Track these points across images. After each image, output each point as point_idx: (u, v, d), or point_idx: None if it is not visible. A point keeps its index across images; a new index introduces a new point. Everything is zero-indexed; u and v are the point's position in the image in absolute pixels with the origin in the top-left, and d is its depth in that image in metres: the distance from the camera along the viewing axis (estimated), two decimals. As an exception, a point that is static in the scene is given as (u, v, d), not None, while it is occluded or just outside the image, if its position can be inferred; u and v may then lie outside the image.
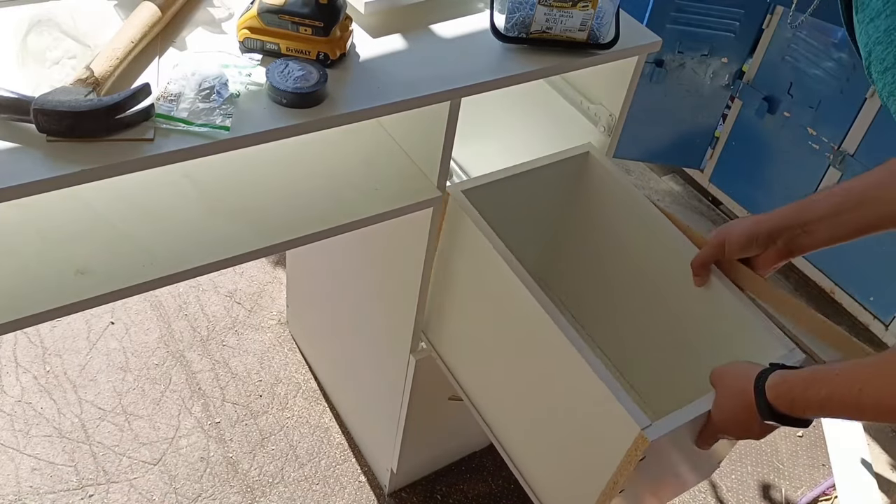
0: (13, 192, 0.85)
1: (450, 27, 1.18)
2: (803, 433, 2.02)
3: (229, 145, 0.95)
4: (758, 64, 2.24)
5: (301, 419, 1.88)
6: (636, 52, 1.21)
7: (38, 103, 0.87)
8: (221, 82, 0.98)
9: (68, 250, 1.03)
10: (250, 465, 1.79)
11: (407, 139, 1.25)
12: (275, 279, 2.18)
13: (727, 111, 2.36)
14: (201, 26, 1.10)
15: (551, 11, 1.10)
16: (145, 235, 1.06)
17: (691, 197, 2.63)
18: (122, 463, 1.75)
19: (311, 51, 1.05)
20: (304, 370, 1.98)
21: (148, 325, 2.03)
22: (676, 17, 2.13)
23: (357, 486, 1.78)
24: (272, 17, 1.04)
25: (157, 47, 1.05)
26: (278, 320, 2.08)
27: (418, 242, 1.27)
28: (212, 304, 2.10)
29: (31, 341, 1.95)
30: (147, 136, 0.92)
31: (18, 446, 1.75)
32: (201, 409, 1.87)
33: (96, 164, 0.88)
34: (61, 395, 1.85)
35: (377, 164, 1.23)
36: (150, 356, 1.96)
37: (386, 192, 1.18)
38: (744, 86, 2.28)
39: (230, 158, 1.02)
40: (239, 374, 1.95)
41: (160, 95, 0.95)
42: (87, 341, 1.97)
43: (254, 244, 1.08)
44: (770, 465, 1.94)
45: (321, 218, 1.13)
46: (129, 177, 0.92)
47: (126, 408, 1.85)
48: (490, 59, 1.13)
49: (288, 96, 0.98)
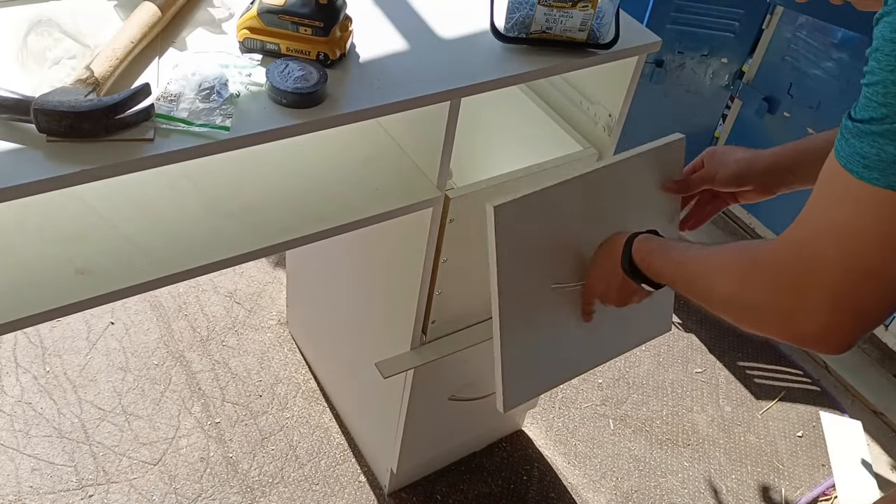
0: (13, 192, 0.85)
1: (450, 27, 1.18)
2: (803, 433, 2.02)
3: (229, 145, 0.95)
4: (758, 64, 2.24)
5: (301, 419, 1.88)
6: (636, 52, 1.21)
7: (39, 103, 0.87)
8: (221, 82, 0.98)
9: (68, 250, 1.03)
10: (250, 465, 1.79)
11: (407, 139, 1.25)
12: (275, 279, 2.18)
13: (727, 111, 2.36)
14: (201, 26, 1.10)
15: (551, 11, 1.10)
16: (145, 235, 1.06)
17: (691, 197, 2.63)
18: (122, 463, 1.75)
19: (311, 51, 1.05)
20: (303, 370, 1.98)
21: (148, 325, 2.03)
22: (676, 17, 2.13)
23: (357, 486, 1.78)
24: (272, 17, 1.04)
25: (157, 47, 1.05)
26: (278, 320, 2.08)
27: (418, 242, 1.27)
28: (212, 304, 2.10)
29: (31, 341, 1.95)
30: (147, 136, 0.92)
31: (18, 446, 1.75)
32: (201, 409, 1.87)
33: (96, 164, 0.88)
34: (61, 395, 1.85)
35: (377, 164, 1.23)
36: (149, 356, 1.96)
37: (386, 192, 1.18)
38: (744, 86, 2.28)
39: (230, 158, 1.02)
40: (239, 374, 1.95)
41: (160, 95, 0.95)
42: (87, 341, 1.97)
43: (254, 244, 1.08)
44: (770, 466, 1.94)
45: (321, 218, 1.13)
46: (129, 177, 0.92)
47: (126, 408, 1.85)
48: (490, 59, 1.13)
49: (288, 96, 0.98)
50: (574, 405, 2.01)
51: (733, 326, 0.86)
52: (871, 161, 0.67)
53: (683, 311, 2.26)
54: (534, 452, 1.89)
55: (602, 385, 2.06)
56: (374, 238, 1.43)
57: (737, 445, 1.98)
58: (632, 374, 2.09)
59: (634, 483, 1.87)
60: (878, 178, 0.66)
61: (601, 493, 1.84)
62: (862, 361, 2.20)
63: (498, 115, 1.51)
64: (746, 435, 2.00)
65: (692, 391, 2.08)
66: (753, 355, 2.19)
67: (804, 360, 2.21)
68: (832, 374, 2.18)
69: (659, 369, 2.12)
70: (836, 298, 0.71)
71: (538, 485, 1.84)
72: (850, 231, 0.69)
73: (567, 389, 2.03)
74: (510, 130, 1.52)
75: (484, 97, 1.14)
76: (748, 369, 2.15)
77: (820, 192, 0.73)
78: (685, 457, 1.93)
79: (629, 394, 2.05)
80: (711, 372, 2.13)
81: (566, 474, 1.86)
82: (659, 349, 2.16)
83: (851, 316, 0.72)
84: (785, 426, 2.04)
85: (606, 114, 1.32)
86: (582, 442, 1.93)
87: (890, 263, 0.68)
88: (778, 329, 0.78)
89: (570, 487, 1.84)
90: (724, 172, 1.15)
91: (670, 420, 2.01)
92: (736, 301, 0.83)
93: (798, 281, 0.74)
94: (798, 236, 0.75)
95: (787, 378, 2.16)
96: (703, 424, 2.01)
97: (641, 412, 2.01)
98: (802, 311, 0.74)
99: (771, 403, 2.08)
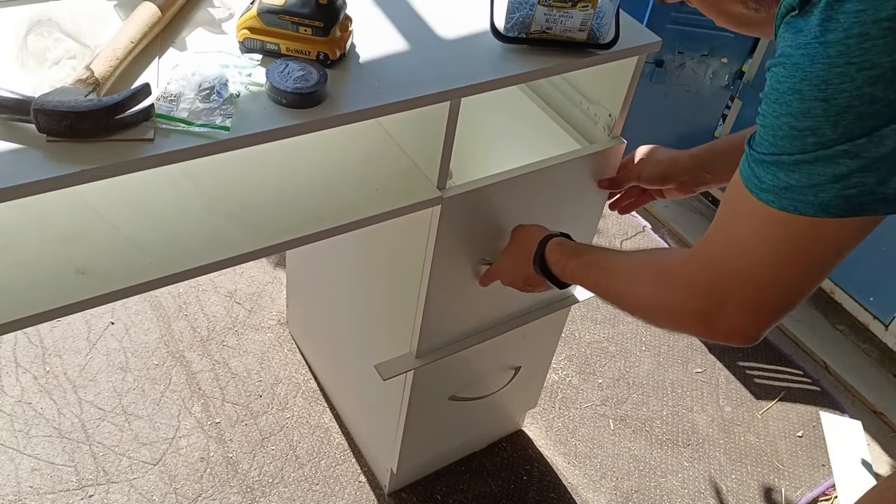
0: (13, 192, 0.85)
1: (450, 27, 1.18)
2: (803, 433, 2.02)
3: (229, 145, 0.95)
4: (758, 64, 2.24)
5: (301, 419, 1.88)
6: (636, 52, 1.21)
7: (39, 103, 0.87)
8: (221, 82, 0.98)
9: (68, 250, 1.03)
10: (250, 465, 1.79)
11: (407, 139, 1.25)
12: (275, 279, 2.18)
13: (727, 111, 2.36)
14: (201, 26, 1.10)
15: (551, 11, 1.10)
16: (145, 235, 1.06)
17: (691, 197, 2.63)
18: (122, 463, 1.75)
19: (311, 51, 1.05)
20: (303, 370, 1.98)
21: (148, 325, 2.03)
22: (676, 17, 2.13)
23: (357, 487, 1.78)
24: (272, 17, 1.04)
25: (157, 47, 1.05)
26: (278, 320, 2.08)
27: (418, 242, 1.27)
28: (212, 304, 2.10)
29: (31, 341, 1.95)
30: (147, 136, 0.92)
31: (18, 446, 1.75)
32: (201, 409, 1.87)
33: (96, 164, 0.88)
34: (61, 395, 1.85)
35: (377, 164, 1.23)
36: (150, 356, 1.96)
37: (386, 192, 1.18)
38: (744, 86, 2.28)
39: (230, 158, 1.02)
40: (239, 374, 1.95)
41: (160, 95, 0.95)
42: (87, 341, 1.97)
43: (254, 244, 1.08)
44: (770, 466, 1.94)
45: (321, 218, 1.13)
46: (129, 177, 0.92)
47: (126, 408, 1.85)
48: (490, 59, 1.13)
49: (288, 96, 0.98)
50: (574, 405, 2.01)
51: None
52: (767, 185, 0.76)
53: (683, 311, 2.26)
54: (534, 452, 1.89)
55: (602, 385, 2.06)
56: (374, 238, 1.43)
57: (737, 445, 1.98)
58: (632, 374, 2.09)
59: (634, 483, 1.87)
60: (773, 201, 0.76)
61: (601, 493, 1.84)
62: (862, 361, 2.20)
63: (498, 114, 1.51)
64: (746, 435, 2.00)
65: (692, 391, 2.08)
66: (753, 355, 2.19)
67: (804, 360, 2.21)
68: (832, 374, 2.18)
69: (659, 369, 2.12)
70: (743, 301, 0.82)
71: (538, 485, 1.84)
72: (751, 246, 0.80)
73: (567, 389, 2.03)
74: (510, 130, 1.52)
75: (484, 97, 1.14)
76: (748, 369, 2.15)
77: (725, 209, 0.84)
78: (685, 457, 1.93)
79: (629, 394, 2.05)
80: (711, 372, 2.13)
81: (566, 474, 1.86)
82: (659, 349, 2.16)
83: (758, 314, 0.83)
84: (785, 426, 2.04)
85: (606, 114, 1.32)
86: (582, 442, 1.93)
87: (785, 273, 0.79)
88: (693, 328, 0.90)
89: (570, 487, 1.84)
90: (649, 172, 1.29)
91: (670, 420, 2.01)
92: (651, 304, 0.96)
93: (710, 286, 0.85)
94: (707, 248, 0.86)
95: (787, 378, 2.16)
96: (703, 424, 2.01)
97: (641, 412, 2.01)
98: (716, 312, 0.85)
99: (771, 403, 2.08)
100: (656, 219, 2.54)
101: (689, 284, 0.88)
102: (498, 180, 1.25)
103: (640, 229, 2.50)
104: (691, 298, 0.87)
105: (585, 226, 1.45)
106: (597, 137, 1.36)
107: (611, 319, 2.22)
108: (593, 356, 2.13)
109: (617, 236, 2.46)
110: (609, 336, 2.18)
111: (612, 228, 2.49)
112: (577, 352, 2.13)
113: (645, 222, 2.52)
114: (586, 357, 2.12)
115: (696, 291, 0.86)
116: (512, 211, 1.30)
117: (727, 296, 0.83)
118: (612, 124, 1.32)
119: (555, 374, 2.06)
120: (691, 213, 2.56)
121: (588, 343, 2.16)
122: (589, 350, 2.14)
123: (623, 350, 2.15)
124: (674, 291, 0.90)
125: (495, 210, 1.29)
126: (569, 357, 2.11)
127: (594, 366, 2.10)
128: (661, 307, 0.94)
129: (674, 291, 0.90)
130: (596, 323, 2.21)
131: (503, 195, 1.27)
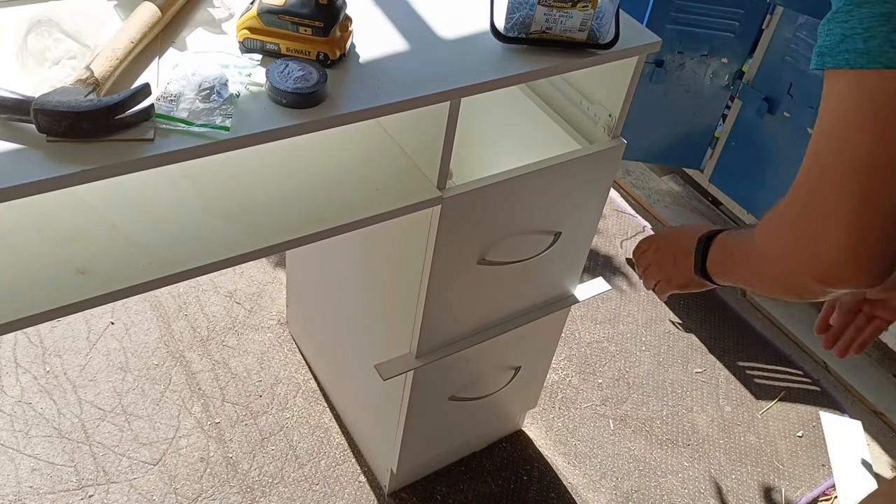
0: (13, 192, 0.85)
1: (450, 27, 1.18)
2: (803, 433, 2.02)
3: (229, 145, 0.95)
4: (758, 64, 2.24)
5: (301, 419, 1.88)
6: (636, 53, 1.22)
7: (39, 103, 0.88)
8: (221, 82, 0.98)
9: (68, 250, 1.03)
10: (250, 465, 1.79)
11: (407, 139, 1.25)
12: (275, 279, 2.18)
13: (727, 111, 2.36)
14: (201, 26, 1.10)
15: (551, 11, 1.10)
16: (145, 235, 1.06)
17: (691, 197, 2.63)
18: (121, 463, 1.75)
19: (311, 51, 1.05)
20: (303, 370, 1.98)
21: (148, 325, 2.03)
22: (676, 17, 2.13)
23: (357, 487, 1.78)
24: (272, 17, 1.04)
25: (157, 47, 1.05)
26: (278, 320, 2.08)
27: (418, 242, 1.27)
28: (212, 304, 2.10)
29: (31, 341, 1.95)
30: (147, 136, 0.92)
31: (18, 446, 1.75)
32: (201, 409, 1.87)
33: (96, 164, 0.88)
34: (61, 395, 1.85)
35: (377, 164, 1.23)
36: (150, 356, 1.96)
37: (386, 192, 1.18)
38: (744, 86, 2.28)
39: (230, 158, 1.02)
40: (239, 374, 1.95)
41: (160, 95, 0.95)
42: (87, 341, 1.97)
43: (254, 244, 1.08)
44: (770, 465, 1.94)
45: (321, 218, 1.13)
46: (129, 177, 0.92)
47: (126, 408, 1.85)
48: (490, 59, 1.13)
49: (288, 96, 0.98)
50: (574, 405, 2.01)
51: (733, 326, 0.86)
52: (825, 48, 0.73)
53: (683, 311, 2.26)
54: (534, 452, 1.89)
55: (602, 385, 2.06)
56: (374, 238, 1.43)
57: (737, 445, 1.98)
58: (632, 374, 2.09)
59: (634, 483, 1.87)
60: (828, 61, 0.73)
61: (601, 493, 1.84)
62: (862, 361, 2.20)
63: (498, 114, 1.51)
64: (746, 435, 2.00)
65: (692, 391, 2.08)
66: (753, 355, 2.19)
67: (804, 360, 2.21)
68: (832, 374, 2.18)
69: (659, 369, 2.12)
70: (851, 203, 0.74)
71: (538, 485, 1.84)
72: (840, 127, 0.74)
73: (567, 389, 2.03)
74: (510, 130, 1.52)
75: (484, 97, 1.14)
76: (748, 369, 2.15)
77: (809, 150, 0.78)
78: (685, 457, 1.93)
79: (629, 394, 2.05)
80: (711, 372, 2.13)
81: (566, 474, 1.86)
82: (659, 349, 2.16)
83: (869, 216, 0.73)
84: (785, 426, 2.04)
85: (606, 114, 1.32)
86: (582, 442, 1.93)
87: (876, 149, 0.71)
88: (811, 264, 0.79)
89: (570, 487, 1.84)
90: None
91: (670, 420, 2.01)
92: (772, 256, 0.85)
93: (812, 200, 0.77)
94: (803, 168, 0.79)
95: (787, 378, 2.16)
96: (703, 424, 2.01)
97: (641, 412, 2.01)
98: (823, 232, 0.76)
99: (771, 403, 2.08)
100: (656, 219, 2.54)
101: (791, 213, 0.80)
102: (498, 180, 1.25)
103: (640, 229, 2.50)
104: (797, 225, 0.79)
105: (585, 226, 1.45)
106: (597, 137, 1.36)
107: (611, 319, 2.22)
108: (593, 356, 2.13)
109: (617, 236, 2.46)
110: (609, 336, 2.18)
111: (612, 228, 2.49)
112: (577, 352, 2.13)
113: (645, 222, 2.52)
114: (586, 357, 2.12)
115: (798, 215, 0.79)
116: (512, 211, 1.30)
117: (830, 202, 0.75)
118: (612, 124, 1.32)
119: (555, 374, 2.06)
120: (691, 213, 2.56)
121: (588, 343, 2.16)
122: (589, 350, 2.14)
123: (623, 350, 2.15)
124: (782, 230, 0.82)
125: (495, 210, 1.29)
126: (569, 357, 2.11)
127: (594, 366, 2.10)
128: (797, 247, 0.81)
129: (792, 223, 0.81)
130: (596, 323, 2.21)
131: (503, 195, 1.27)
